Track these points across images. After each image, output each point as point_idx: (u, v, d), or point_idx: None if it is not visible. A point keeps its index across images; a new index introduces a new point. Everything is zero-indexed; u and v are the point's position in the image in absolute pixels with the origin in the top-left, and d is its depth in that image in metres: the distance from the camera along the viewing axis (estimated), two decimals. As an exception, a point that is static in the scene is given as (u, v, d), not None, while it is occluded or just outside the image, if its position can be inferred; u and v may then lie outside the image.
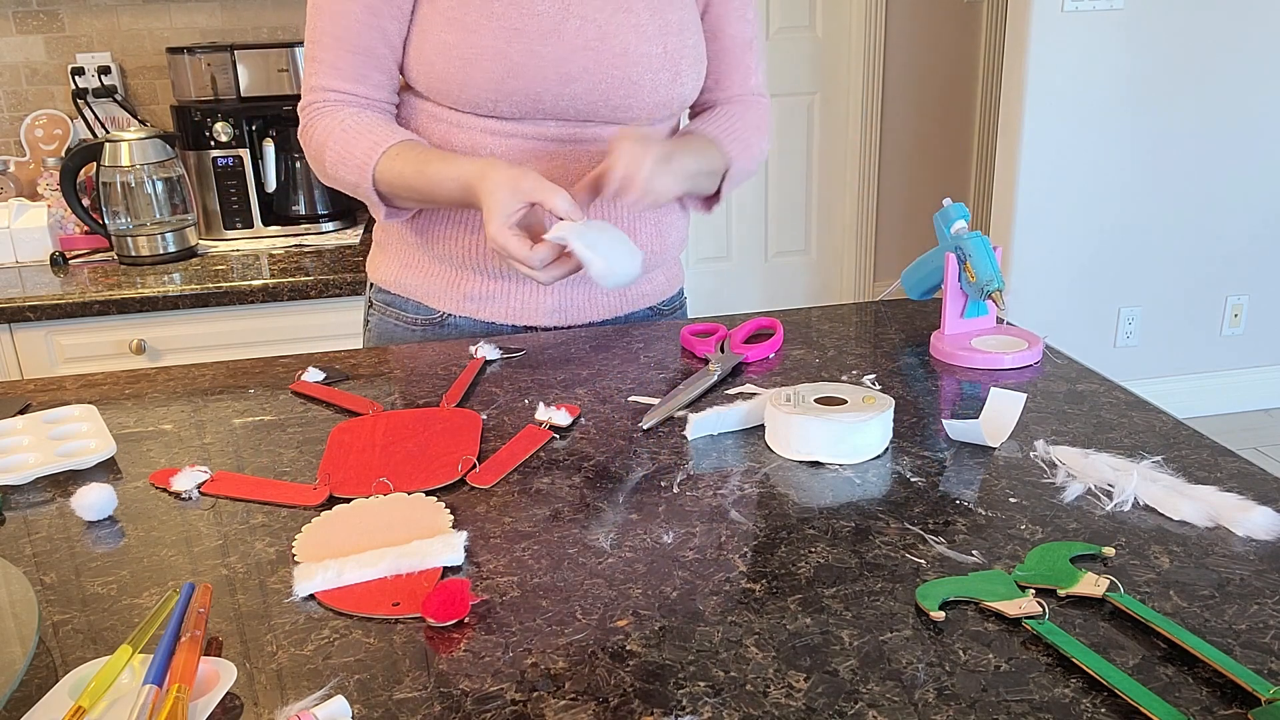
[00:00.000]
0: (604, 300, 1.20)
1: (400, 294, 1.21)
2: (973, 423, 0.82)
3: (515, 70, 1.06)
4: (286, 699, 0.55)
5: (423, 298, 1.19)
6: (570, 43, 1.07)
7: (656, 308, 1.28)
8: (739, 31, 1.21)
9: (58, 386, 1.05)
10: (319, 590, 0.65)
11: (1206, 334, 3.21)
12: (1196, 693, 0.53)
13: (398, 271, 1.21)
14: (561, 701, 0.54)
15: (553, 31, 1.06)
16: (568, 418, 0.89)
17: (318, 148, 1.11)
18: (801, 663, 0.57)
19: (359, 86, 1.10)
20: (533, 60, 1.06)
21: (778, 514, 0.73)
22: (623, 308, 1.23)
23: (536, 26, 1.06)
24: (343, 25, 1.08)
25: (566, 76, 1.07)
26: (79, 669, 0.57)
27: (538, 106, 1.08)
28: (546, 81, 1.07)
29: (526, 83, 1.06)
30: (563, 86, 1.08)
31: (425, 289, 1.19)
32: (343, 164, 1.09)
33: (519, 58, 1.05)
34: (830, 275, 4.26)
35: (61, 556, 0.72)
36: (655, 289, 1.26)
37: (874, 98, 3.97)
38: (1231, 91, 2.96)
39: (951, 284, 1.04)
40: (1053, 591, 0.62)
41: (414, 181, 1.06)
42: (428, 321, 1.19)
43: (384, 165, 1.07)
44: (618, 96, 1.10)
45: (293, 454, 0.86)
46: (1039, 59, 2.85)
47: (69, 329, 1.85)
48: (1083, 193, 3.00)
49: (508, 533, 0.72)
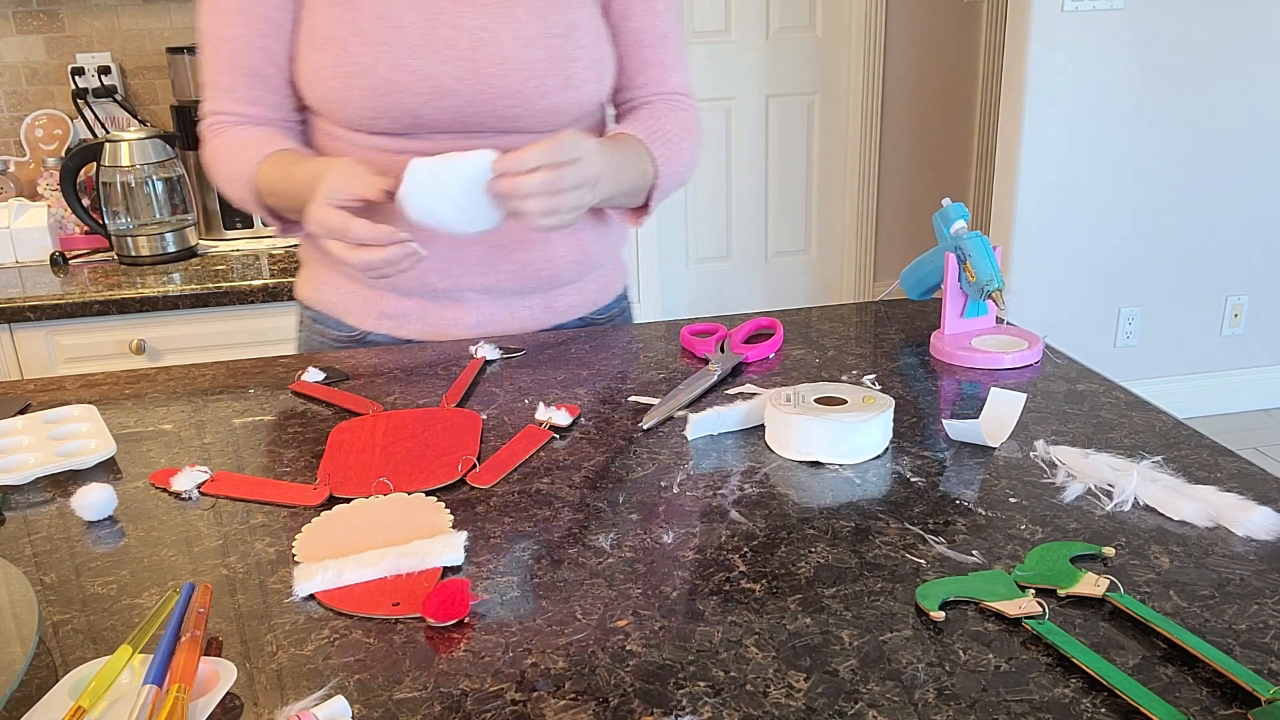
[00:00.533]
0: (526, 314, 1.16)
1: (322, 310, 1.19)
2: (973, 423, 0.82)
3: (386, 86, 1.02)
4: (286, 699, 0.55)
5: (342, 315, 1.17)
6: (441, 54, 1.03)
7: (589, 318, 1.22)
8: (646, 25, 1.14)
9: (58, 386, 1.05)
10: (319, 590, 0.65)
11: (1206, 334, 3.21)
12: (1196, 693, 0.53)
13: (318, 288, 1.19)
14: (561, 701, 0.54)
15: (422, 44, 1.02)
16: (568, 418, 0.89)
17: (210, 168, 1.11)
18: (801, 663, 0.57)
19: (253, 108, 1.09)
20: (403, 75, 1.02)
21: (778, 514, 0.73)
22: (547, 320, 1.18)
23: (404, 40, 1.02)
24: (230, 49, 1.07)
25: (440, 90, 1.03)
26: (79, 669, 0.57)
27: (418, 122, 1.05)
28: (420, 96, 1.03)
29: (400, 98, 1.03)
30: (439, 100, 1.03)
31: (344, 306, 1.16)
32: (230, 181, 1.09)
33: (389, 73, 1.02)
34: (830, 275, 4.26)
35: (61, 556, 0.72)
36: (585, 299, 1.21)
37: (874, 98, 3.97)
38: (1232, 91, 2.96)
39: (951, 284, 1.04)
40: (1053, 591, 0.62)
41: (282, 187, 1.04)
42: (349, 338, 1.17)
43: (262, 175, 1.06)
44: (503, 107, 1.05)
45: (293, 454, 0.86)
46: (1039, 59, 2.85)
47: (69, 329, 1.85)
48: (1083, 192, 3.00)
49: (508, 533, 0.72)
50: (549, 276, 1.15)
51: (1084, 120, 2.92)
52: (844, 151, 4.08)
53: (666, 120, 1.14)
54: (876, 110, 3.99)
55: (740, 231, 4.11)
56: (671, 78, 1.17)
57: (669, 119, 1.14)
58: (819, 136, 4.05)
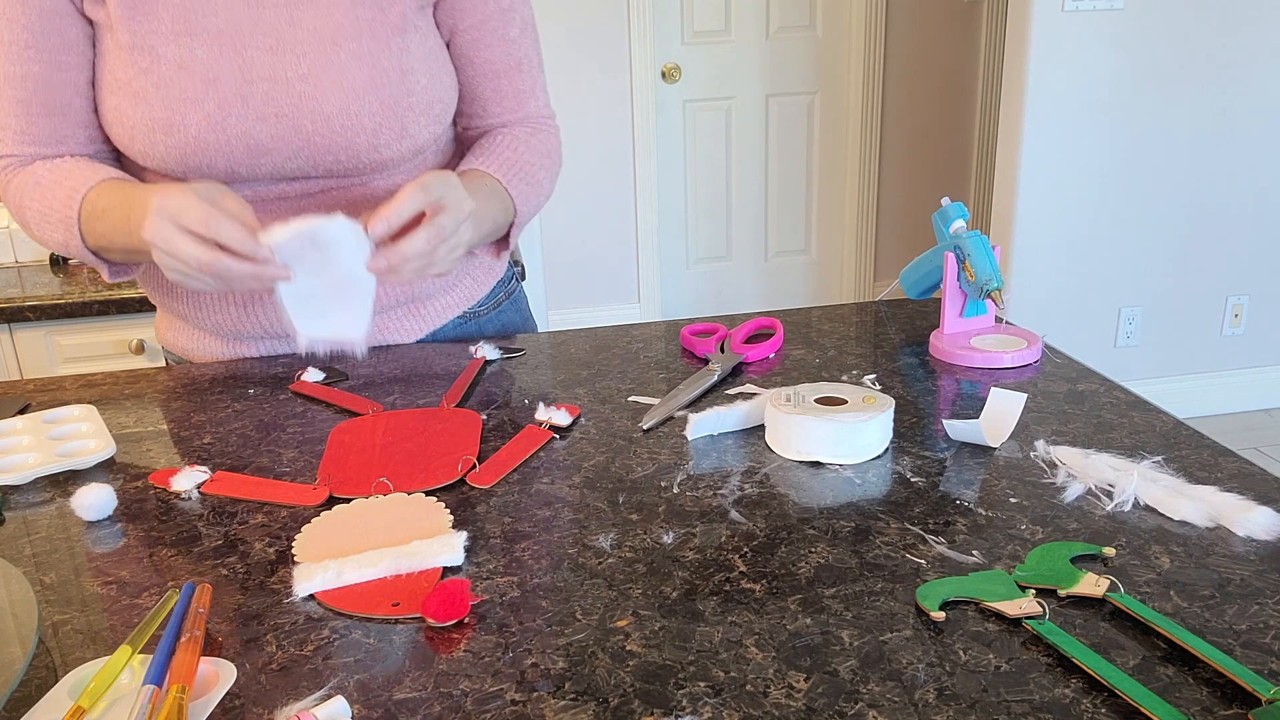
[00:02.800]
0: (395, 326, 1.12)
1: (182, 356, 1.14)
2: (973, 423, 0.82)
3: (198, 146, 0.93)
4: (286, 699, 0.55)
5: (206, 359, 1.11)
6: (258, 110, 0.93)
7: (470, 311, 1.17)
8: (499, 55, 1.06)
9: (58, 386, 1.05)
10: (319, 590, 0.65)
11: (1206, 334, 3.21)
12: (1197, 693, 0.53)
13: (174, 335, 1.13)
14: (561, 701, 0.54)
15: (235, 100, 0.93)
16: (568, 418, 0.89)
17: (17, 209, 0.98)
18: (801, 663, 0.57)
19: (60, 147, 0.97)
20: (215, 135, 0.93)
21: (778, 514, 0.73)
22: (422, 329, 1.13)
23: (214, 96, 0.92)
24: (26, 88, 0.94)
25: (258, 149, 0.95)
26: (79, 669, 0.57)
27: (235, 177, 0.97)
28: (235, 155, 0.95)
29: (213, 158, 0.94)
30: (257, 159, 0.95)
31: (202, 353, 1.11)
32: (46, 221, 0.95)
33: (198, 132, 0.93)
34: (830, 275, 4.26)
35: (61, 556, 0.72)
36: (459, 298, 1.15)
37: (874, 98, 3.97)
38: (1232, 91, 2.96)
39: (950, 283, 1.04)
40: (1053, 592, 0.62)
41: (119, 214, 0.90)
42: None
43: (87, 210, 0.93)
44: (330, 160, 0.98)
45: (293, 454, 0.86)
46: (1039, 59, 2.85)
47: (69, 329, 1.85)
48: (1083, 192, 3.00)
49: (508, 533, 0.72)
50: (409, 295, 1.11)
51: (1084, 120, 2.92)
52: (844, 151, 4.08)
53: (524, 149, 1.07)
54: (876, 110, 3.99)
55: (740, 231, 4.11)
56: (529, 104, 1.10)
57: (527, 147, 1.08)
58: (819, 136, 4.05)
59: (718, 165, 4.01)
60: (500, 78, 1.07)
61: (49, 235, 0.97)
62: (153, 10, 0.93)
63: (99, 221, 0.93)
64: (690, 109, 3.90)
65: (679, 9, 3.77)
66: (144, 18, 0.93)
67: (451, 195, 0.87)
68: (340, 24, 0.96)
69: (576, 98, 3.66)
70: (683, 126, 3.92)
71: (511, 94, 1.08)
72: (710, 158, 3.99)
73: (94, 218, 0.93)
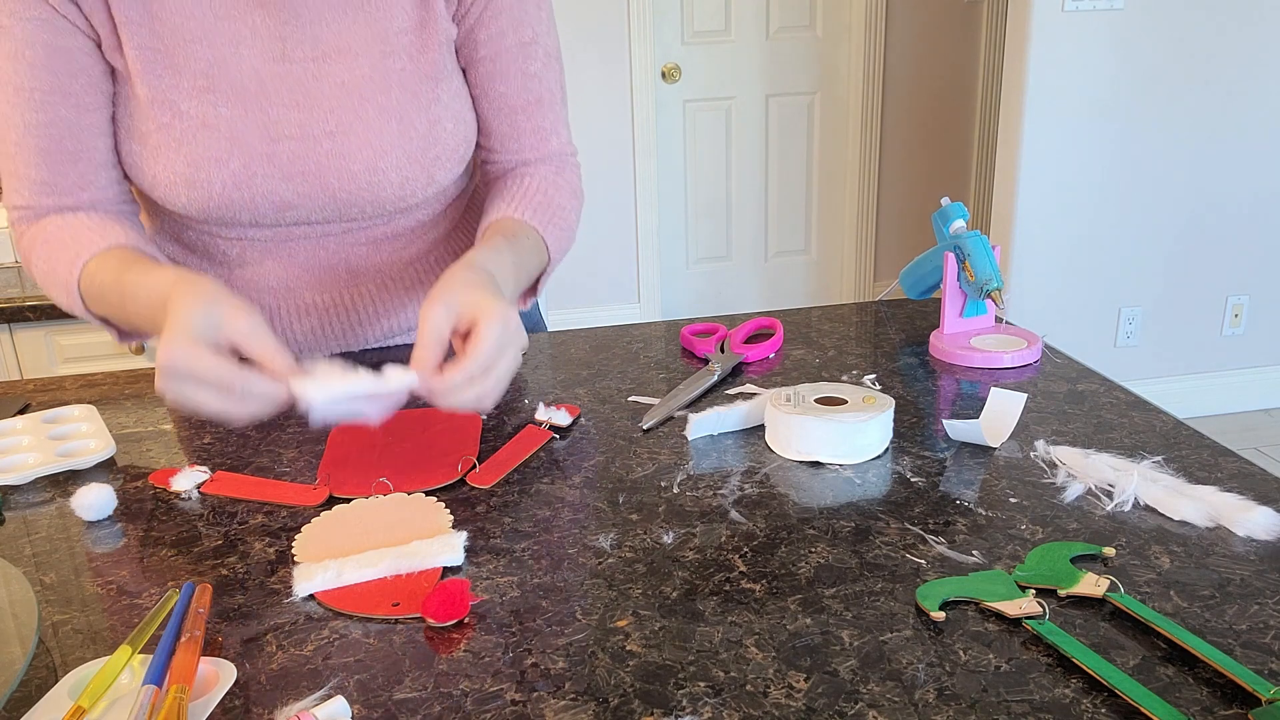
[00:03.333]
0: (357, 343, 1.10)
1: None
2: (973, 423, 0.82)
3: (221, 201, 0.92)
4: (286, 699, 0.55)
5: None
6: (284, 170, 0.92)
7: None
8: (515, 91, 1.01)
9: (58, 386, 1.05)
10: (319, 590, 0.65)
11: (1206, 334, 3.21)
12: (1197, 693, 0.53)
13: None
14: (561, 701, 0.54)
15: (261, 158, 0.91)
16: (567, 418, 0.89)
17: (27, 263, 0.95)
18: (801, 663, 0.57)
19: (82, 194, 0.92)
20: (241, 193, 0.92)
21: (778, 514, 0.73)
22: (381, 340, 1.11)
23: (240, 157, 0.90)
24: (50, 135, 0.89)
25: (283, 204, 0.94)
26: (79, 669, 0.57)
27: (259, 224, 0.96)
28: (259, 210, 0.93)
29: (236, 212, 0.93)
30: (281, 212, 0.94)
31: None
32: (51, 283, 0.91)
33: (222, 190, 0.91)
34: (830, 275, 4.26)
35: (61, 556, 0.72)
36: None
37: (874, 98, 3.97)
38: (1232, 91, 2.96)
39: (950, 283, 1.04)
40: (1053, 592, 0.62)
41: (114, 298, 0.86)
42: None
43: (87, 280, 0.88)
44: (355, 210, 0.97)
45: (293, 454, 0.86)
46: (1039, 59, 2.85)
47: (69, 329, 1.85)
48: (1083, 192, 3.00)
49: (508, 533, 0.72)
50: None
51: (1084, 120, 2.92)
52: (844, 151, 4.08)
53: (555, 192, 1.03)
54: (876, 110, 3.99)
55: (740, 231, 4.11)
56: (552, 141, 1.05)
57: (557, 189, 1.03)
58: (819, 136, 4.05)
59: (718, 165, 4.01)
60: (518, 114, 1.02)
61: (55, 296, 0.93)
62: (174, 65, 0.89)
63: (98, 298, 0.89)
64: (690, 109, 3.90)
65: (679, 9, 3.77)
66: (164, 72, 0.89)
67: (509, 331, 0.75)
68: (369, 77, 0.93)
69: (576, 98, 3.66)
70: (683, 126, 3.92)
71: (531, 131, 1.03)
72: (710, 158, 3.99)
73: (93, 292, 0.89)
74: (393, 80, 0.94)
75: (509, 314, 0.75)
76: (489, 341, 0.73)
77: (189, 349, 0.69)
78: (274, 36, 0.91)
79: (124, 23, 0.88)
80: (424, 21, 0.95)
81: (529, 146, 1.04)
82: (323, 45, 0.92)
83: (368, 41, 0.93)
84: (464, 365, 0.72)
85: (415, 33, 0.95)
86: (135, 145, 0.92)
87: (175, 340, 0.69)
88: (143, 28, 0.88)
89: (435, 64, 0.96)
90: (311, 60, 0.92)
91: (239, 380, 0.69)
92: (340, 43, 0.93)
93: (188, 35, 0.89)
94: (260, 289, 1.03)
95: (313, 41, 0.92)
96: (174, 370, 0.68)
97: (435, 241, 1.10)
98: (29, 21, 0.85)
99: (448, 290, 0.76)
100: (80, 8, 0.86)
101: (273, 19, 0.90)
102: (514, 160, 1.05)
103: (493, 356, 0.73)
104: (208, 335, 0.70)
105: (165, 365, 0.69)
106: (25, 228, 0.94)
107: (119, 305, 0.85)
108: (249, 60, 0.91)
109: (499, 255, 0.88)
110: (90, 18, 0.87)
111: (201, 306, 0.71)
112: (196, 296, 0.72)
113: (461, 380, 0.72)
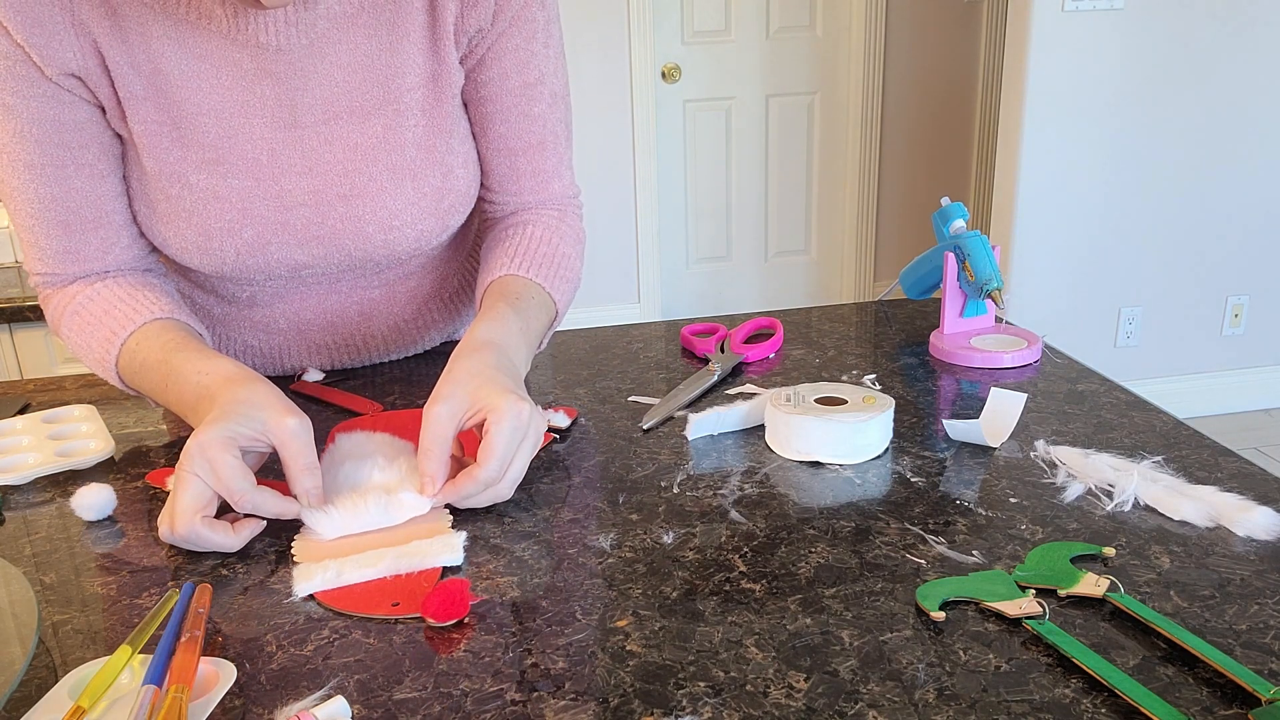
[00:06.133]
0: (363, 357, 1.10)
1: None
2: (973, 423, 0.82)
3: (234, 266, 0.91)
4: (286, 699, 0.55)
5: None
6: (298, 236, 0.91)
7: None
8: (515, 133, 0.97)
9: (58, 386, 1.05)
10: (319, 590, 0.65)
11: (1206, 334, 3.22)
12: (1197, 693, 0.53)
13: None
14: (561, 701, 0.54)
15: (275, 227, 0.90)
16: (567, 420, 0.89)
17: (55, 328, 0.93)
18: (801, 663, 0.57)
19: (106, 259, 0.90)
20: (253, 259, 0.91)
21: (778, 514, 0.73)
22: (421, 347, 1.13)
23: (253, 227, 0.89)
24: (67, 208, 0.87)
25: (297, 266, 0.94)
26: (79, 669, 0.57)
27: (273, 279, 0.96)
28: (274, 272, 0.93)
29: (249, 275, 0.93)
30: (296, 272, 0.95)
31: None
32: (85, 356, 0.89)
33: (235, 258, 0.90)
34: (830, 275, 4.26)
35: (61, 556, 0.72)
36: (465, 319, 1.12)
37: (874, 98, 3.97)
38: (1231, 91, 2.96)
39: (950, 283, 1.04)
40: (1053, 592, 0.62)
41: (155, 379, 0.84)
42: None
43: (126, 358, 0.86)
44: (370, 265, 0.97)
45: (293, 454, 0.86)
46: (1039, 59, 2.85)
47: (69, 329, 1.85)
48: (1083, 192, 3.00)
49: (508, 533, 0.72)
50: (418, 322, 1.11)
51: (1084, 120, 2.93)
52: (844, 151, 4.08)
53: (560, 240, 0.99)
54: (876, 110, 3.99)
55: (740, 231, 4.12)
56: (553, 184, 1.01)
57: (560, 238, 0.99)
58: (819, 136, 4.05)
59: (718, 165, 4.01)
60: (518, 156, 0.98)
61: (91, 367, 0.91)
62: (181, 139, 0.87)
63: (137, 374, 0.86)
64: (690, 109, 3.90)
65: (679, 9, 3.77)
66: (171, 146, 0.87)
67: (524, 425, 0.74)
68: (381, 138, 0.91)
69: (576, 98, 3.66)
70: (683, 126, 3.92)
71: (531, 174, 1.00)
72: (710, 158, 3.99)
73: (132, 369, 0.86)
74: (406, 139, 0.92)
75: (518, 407, 0.73)
76: (500, 446, 0.72)
77: (221, 442, 0.70)
78: (283, 104, 0.88)
79: (128, 98, 0.85)
80: (436, 75, 0.92)
81: (529, 189, 1.00)
82: (334, 108, 0.89)
83: (380, 102, 0.90)
84: (477, 475, 0.71)
85: (427, 87, 0.92)
86: (145, 209, 0.90)
87: (211, 432, 0.70)
88: (147, 102, 0.86)
89: (448, 116, 0.94)
90: (322, 124, 0.90)
91: (249, 495, 0.70)
92: (351, 104, 0.90)
93: (195, 109, 0.86)
94: (270, 330, 1.04)
95: (323, 105, 0.89)
96: (198, 456, 0.69)
97: (447, 276, 1.10)
98: (33, 99, 0.83)
99: (451, 386, 0.75)
100: (85, 81, 0.84)
101: (282, 86, 0.87)
102: (514, 204, 1.01)
103: (507, 459, 0.72)
104: (245, 432, 0.71)
105: (192, 448, 0.69)
106: (51, 293, 0.92)
107: (160, 386, 0.83)
108: (258, 129, 0.88)
109: (505, 326, 0.85)
110: (96, 91, 0.85)
111: (243, 410, 0.72)
112: (244, 403, 0.73)
113: (476, 490, 0.72)
